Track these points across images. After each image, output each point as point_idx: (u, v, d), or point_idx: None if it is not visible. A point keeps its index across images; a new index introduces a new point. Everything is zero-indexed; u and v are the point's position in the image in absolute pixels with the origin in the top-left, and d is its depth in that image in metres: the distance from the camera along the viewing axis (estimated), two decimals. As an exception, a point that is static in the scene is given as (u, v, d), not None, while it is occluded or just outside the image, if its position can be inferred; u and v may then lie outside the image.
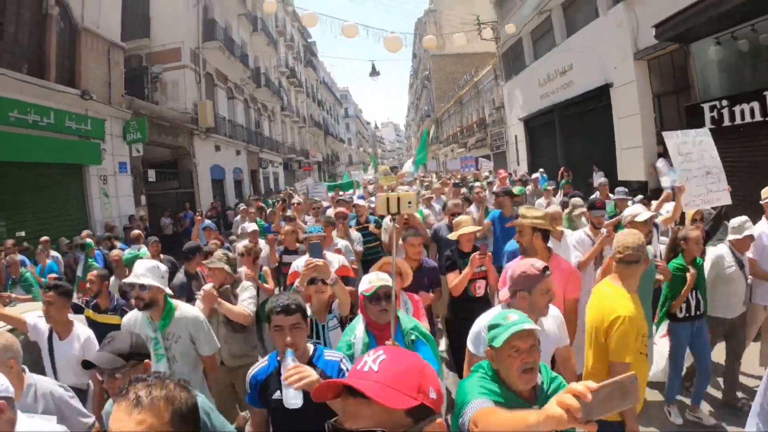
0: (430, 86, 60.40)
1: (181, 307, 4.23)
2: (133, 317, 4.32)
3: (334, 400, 1.44)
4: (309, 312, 4.01)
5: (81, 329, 4.39)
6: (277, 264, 7.57)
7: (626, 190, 9.58)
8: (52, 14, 13.86)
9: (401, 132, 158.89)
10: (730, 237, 5.58)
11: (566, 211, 8.21)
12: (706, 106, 12.67)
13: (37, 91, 12.84)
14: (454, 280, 5.43)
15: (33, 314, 4.76)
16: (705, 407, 5.30)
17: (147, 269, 4.11)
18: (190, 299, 5.76)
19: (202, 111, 22.88)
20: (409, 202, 3.81)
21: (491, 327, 2.59)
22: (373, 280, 3.59)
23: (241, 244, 6.99)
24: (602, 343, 3.43)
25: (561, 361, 3.49)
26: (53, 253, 10.36)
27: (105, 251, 10.26)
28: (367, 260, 8.16)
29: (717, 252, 5.57)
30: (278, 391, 2.89)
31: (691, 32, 13.15)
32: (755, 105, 11.38)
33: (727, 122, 12.10)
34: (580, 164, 19.92)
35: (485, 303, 5.37)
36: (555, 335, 3.37)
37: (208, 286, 4.94)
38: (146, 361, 2.81)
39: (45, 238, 10.48)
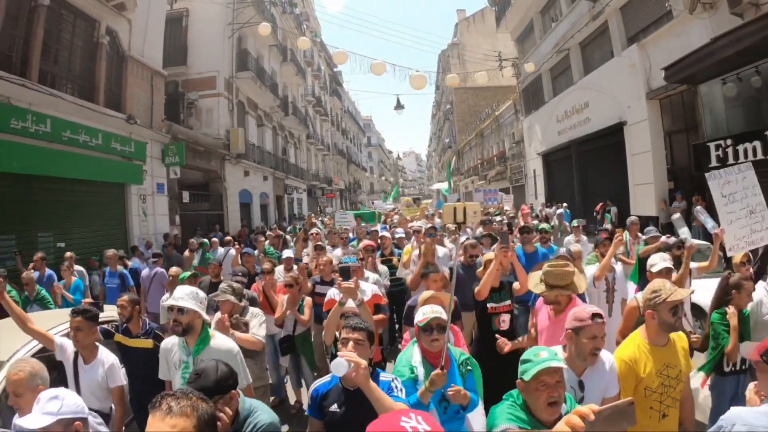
0: (452, 118, 60.96)
1: (218, 337, 4.30)
2: (171, 342, 4.37)
3: None
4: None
5: (106, 355, 4.50)
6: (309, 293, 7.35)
7: (656, 229, 9.18)
8: (103, 43, 15.00)
9: (422, 162, 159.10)
10: None
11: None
12: (712, 145, 13.35)
13: (88, 114, 13.87)
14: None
15: (60, 334, 4.85)
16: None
17: (186, 293, 4.18)
18: None
19: (234, 137, 23.90)
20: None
21: (523, 362, 2.77)
22: (427, 312, 3.79)
23: (288, 275, 7.11)
24: None
25: None
26: (77, 267, 10.25)
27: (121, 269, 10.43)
28: (391, 292, 8.22)
29: (755, 296, 5.07)
30: (335, 404, 3.18)
31: (698, 74, 13.90)
32: (757, 144, 12.00)
33: (731, 160, 12.63)
34: (595, 199, 20.54)
35: (511, 336, 5.35)
36: (602, 384, 3.33)
37: (218, 315, 5.16)
38: (233, 392, 2.96)
39: (69, 254, 10.29)
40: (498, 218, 15.01)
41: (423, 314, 3.78)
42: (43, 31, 12.57)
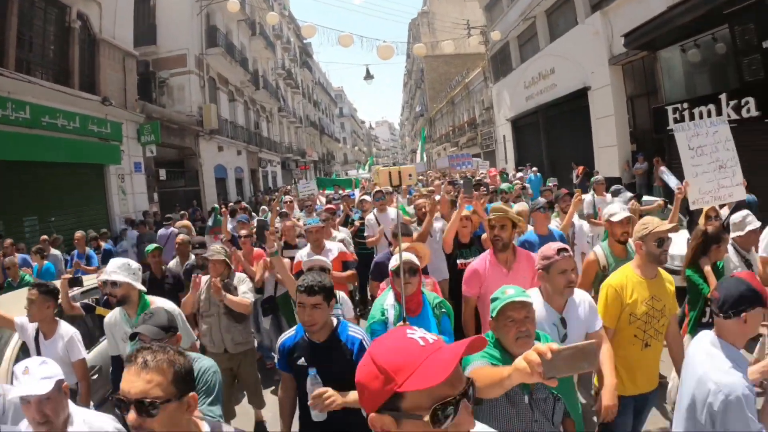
0: (423, 86, 61.11)
1: (156, 302, 4.28)
2: (113, 316, 4.42)
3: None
4: None
5: (65, 328, 4.41)
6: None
7: (623, 188, 9.04)
8: (75, 27, 15.13)
9: (395, 131, 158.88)
10: (733, 234, 5.23)
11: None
12: (669, 108, 13.89)
13: (65, 98, 14.09)
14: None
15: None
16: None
17: (118, 266, 4.24)
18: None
19: (206, 114, 24.12)
20: (410, 175, 4.26)
21: (492, 300, 2.80)
22: (398, 258, 3.88)
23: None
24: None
25: (607, 362, 3.46)
26: (53, 252, 10.38)
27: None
28: (360, 254, 8.35)
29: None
30: (302, 358, 3.21)
31: (657, 41, 14.45)
32: (712, 107, 12.49)
33: (688, 122, 13.28)
34: (563, 162, 21.21)
35: None
36: (584, 319, 3.38)
37: (205, 278, 5.36)
38: (178, 334, 3.11)
39: (44, 237, 10.82)
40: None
41: (396, 259, 3.92)
42: (17, 20, 12.71)
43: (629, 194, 8.02)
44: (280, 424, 3.55)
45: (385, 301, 4.01)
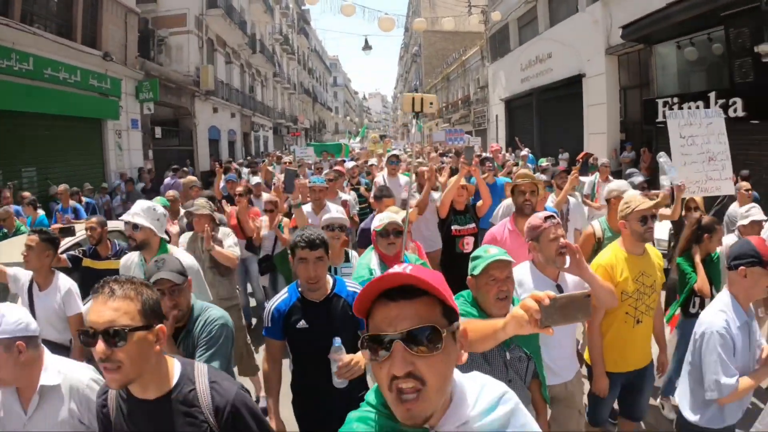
0: (419, 61, 60.91)
1: (176, 252, 4.16)
2: (129, 259, 4.36)
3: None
4: None
5: (63, 280, 4.25)
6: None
7: (639, 172, 8.83)
8: (79, -19, 15.15)
9: (388, 103, 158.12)
10: (738, 224, 5.32)
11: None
12: (660, 102, 14.29)
13: (67, 52, 14.19)
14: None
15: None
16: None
17: (143, 209, 4.10)
18: None
19: (204, 75, 24.16)
20: (431, 103, 4.37)
21: (473, 258, 2.84)
22: (383, 219, 4.03)
23: (269, 198, 7.24)
24: None
25: (593, 332, 3.67)
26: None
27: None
28: (364, 217, 8.24)
29: (725, 242, 5.13)
30: (302, 321, 3.09)
31: (653, 35, 14.76)
32: (701, 104, 12.56)
33: (676, 117, 13.66)
34: (553, 145, 21.43)
35: None
36: (579, 283, 3.34)
37: (187, 234, 5.44)
38: (189, 278, 3.02)
39: (27, 193, 10.57)
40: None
41: (380, 220, 4.06)
42: (22, -28, 12.75)
43: (641, 178, 7.76)
44: (268, 401, 3.31)
45: (371, 261, 4.06)
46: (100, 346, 1.74)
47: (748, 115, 11.58)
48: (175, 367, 2.06)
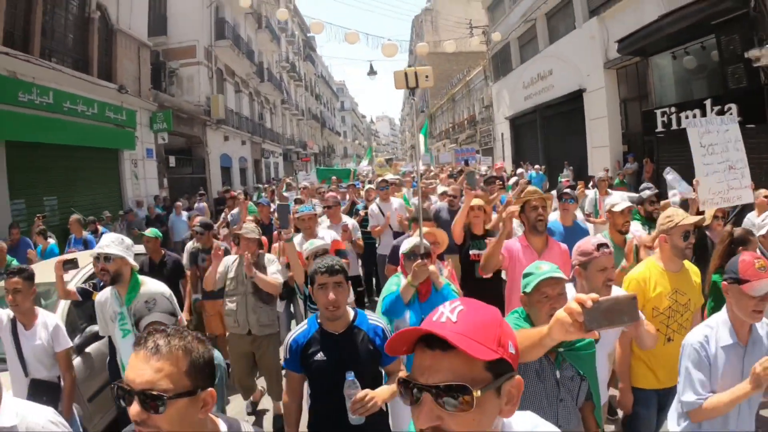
0: (425, 83, 61.52)
1: (147, 283, 4.21)
2: (104, 296, 4.27)
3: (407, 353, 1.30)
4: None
5: (47, 317, 4.13)
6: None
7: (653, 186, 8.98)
8: (94, 18, 15.83)
9: (396, 126, 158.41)
10: (758, 234, 4.94)
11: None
12: (658, 112, 14.61)
13: (84, 85, 14.82)
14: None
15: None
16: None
17: (112, 240, 4.12)
18: (198, 268, 6.76)
19: (214, 104, 24.85)
20: (426, 76, 4.12)
21: (525, 275, 2.79)
22: (410, 242, 4.11)
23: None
24: None
25: (621, 345, 3.51)
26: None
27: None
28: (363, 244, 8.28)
29: None
30: (321, 353, 3.00)
31: (648, 47, 15.12)
32: (697, 112, 13.01)
33: (674, 127, 13.89)
34: (558, 161, 21.74)
35: (495, 283, 5.21)
36: None
37: (231, 257, 5.42)
38: (180, 317, 3.07)
39: (38, 217, 10.90)
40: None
41: (408, 243, 4.11)
42: (41, 10, 13.36)
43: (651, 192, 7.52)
44: None
45: (399, 281, 4.03)
46: (135, 408, 1.54)
47: (743, 120, 11.70)
48: (221, 428, 1.86)
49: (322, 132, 70.33)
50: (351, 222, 7.75)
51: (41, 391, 3.91)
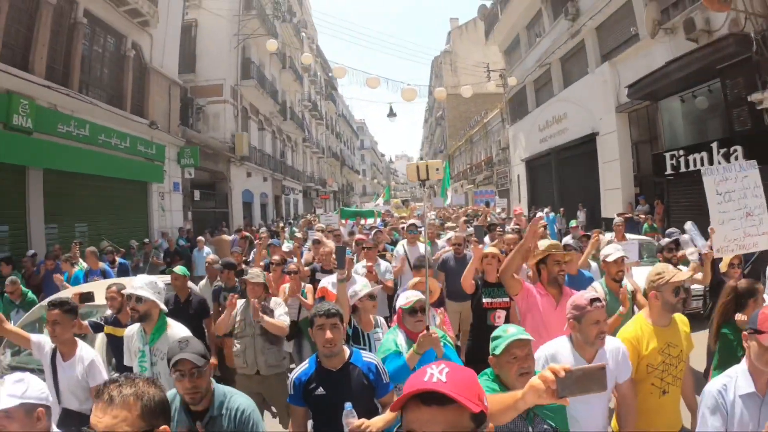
0: (443, 124, 62.09)
1: (174, 327, 4.31)
2: (132, 330, 4.47)
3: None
4: (355, 322, 4.65)
5: (86, 351, 4.17)
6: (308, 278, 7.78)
7: (678, 231, 8.25)
8: (129, 56, 16.80)
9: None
10: None
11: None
12: (667, 155, 14.98)
13: (119, 120, 15.69)
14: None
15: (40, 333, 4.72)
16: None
17: (145, 283, 4.25)
18: (220, 305, 6.75)
19: (238, 141, 25.68)
20: (437, 169, 4.34)
21: (493, 338, 2.87)
22: (410, 296, 4.03)
23: (292, 264, 7.44)
24: None
25: (620, 398, 3.44)
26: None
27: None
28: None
29: None
30: (320, 388, 3.32)
31: (657, 92, 15.55)
32: (704, 155, 13.47)
33: (683, 169, 14.31)
34: (573, 203, 21.91)
35: None
36: (613, 369, 3.27)
37: (240, 301, 5.41)
38: (212, 361, 3.23)
39: (75, 243, 11.45)
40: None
41: (406, 298, 4.05)
42: (81, 46, 14.30)
43: (677, 236, 7.18)
44: None
45: (396, 337, 4.07)
46: None
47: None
48: None
49: (341, 170, 70.98)
50: (385, 264, 7.95)
51: (71, 422, 3.99)
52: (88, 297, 5.23)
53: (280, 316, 5.30)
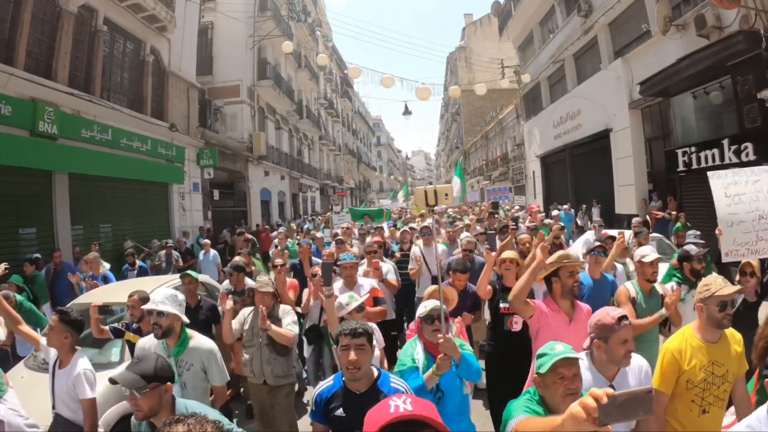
0: (459, 120, 62.17)
1: (197, 337, 4.29)
2: (147, 342, 4.36)
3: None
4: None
5: (80, 362, 4.17)
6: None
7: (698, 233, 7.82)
8: (148, 61, 17.21)
9: (431, 161, 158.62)
10: None
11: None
12: (679, 152, 15.08)
13: (139, 124, 16.11)
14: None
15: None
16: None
17: (166, 297, 4.20)
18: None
19: (256, 141, 26.10)
20: (446, 194, 4.22)
21: (539, 356, 2.71)
22: (427, 305, 3.93)
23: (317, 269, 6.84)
24: None
25: (641, 421, 3.20)
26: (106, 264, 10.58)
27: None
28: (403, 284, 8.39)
29: None
30: (340, 408, 3.16)
31: (669, 89, 15.62)
32: (715, 152, 13.58)
33: (695, 165, 14.40)
34: (587, 199, 22.07)
35: (523, 337, 5.07)
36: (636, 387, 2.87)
37: (248, 308, 5.42)
38: (168, 384, 2.94)
39: (94, 244, 12.57)
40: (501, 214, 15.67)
41: (424, 307, 3.94)
42: (101, 53, 14.71)
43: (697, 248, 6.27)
44: None
45: (414, 350, 3.95)
46: None
47: (758, 159, 11.96)
48: None
49: (358, 167, 71.30)
50: (387, 266, 7.81)
51: (60, 428, 4.09)
52: (106, 310, 5.24)
53: (288, 325, 5.18)
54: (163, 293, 4.25)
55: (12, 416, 3.37)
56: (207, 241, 14.39)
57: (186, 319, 4.30)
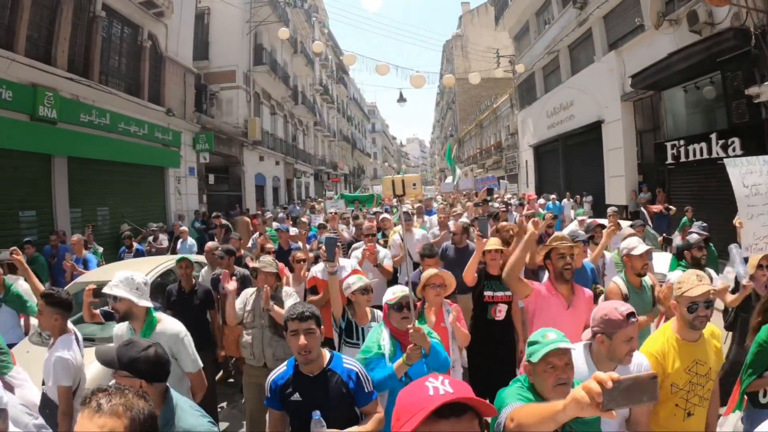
0: (454, 108, 62.40)
1: (164, 321, 4.09)
2: (121, 329, 4.24)
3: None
4: (349, 315, 4.54)
5: (60, 344, 3.98)
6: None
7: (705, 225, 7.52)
8: (146, 46, 17.29)
9: (426, 148, 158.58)
10: None
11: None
12: (668, 145, 15.40)
13: (137, 108, 16.24)
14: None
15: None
16: None
17: (120, 280, 4.00)
18: (219, 294, 6.49)
19: (251, 126, 26.15)
20: (414, 184, 4.10)
21: (530, 343, 2.64)
22: (396, 292, 3.85)
23: (299, 255, 7.05)
24: None
25: (635, 418, 3.10)
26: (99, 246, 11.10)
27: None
28: None
29: None
30: (296, 393, 3.15)
31: (660, 82, 15.91)
32: (704, 145, 13.88)
33: (683, 158, 14.73)
34: (578, 189, 22.39)
35: (506, 327, 5.22)
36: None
37: (250, 290, 5.40)
38: (141, 381, 2.56)
39: (87, 226, 12.94)
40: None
41: (393, 293, 3.85)
42: (100, 39, 14.81)
43: (697, 236, 6.35)
44: None
45: (380, 337, 3.84)
46: None
47: (745, 154, 11.92)
48: None
49: (352, 153, 71.25)
50: (383, 252, 7.72)
51: (46, 405, 3.98)
52: (107, 315, 5.05)
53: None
54: (120, 276, 4.03)
55: (20, 414, 3.27)
56: (185, 228, 13.78)
57: (145, 304, 4.06)
